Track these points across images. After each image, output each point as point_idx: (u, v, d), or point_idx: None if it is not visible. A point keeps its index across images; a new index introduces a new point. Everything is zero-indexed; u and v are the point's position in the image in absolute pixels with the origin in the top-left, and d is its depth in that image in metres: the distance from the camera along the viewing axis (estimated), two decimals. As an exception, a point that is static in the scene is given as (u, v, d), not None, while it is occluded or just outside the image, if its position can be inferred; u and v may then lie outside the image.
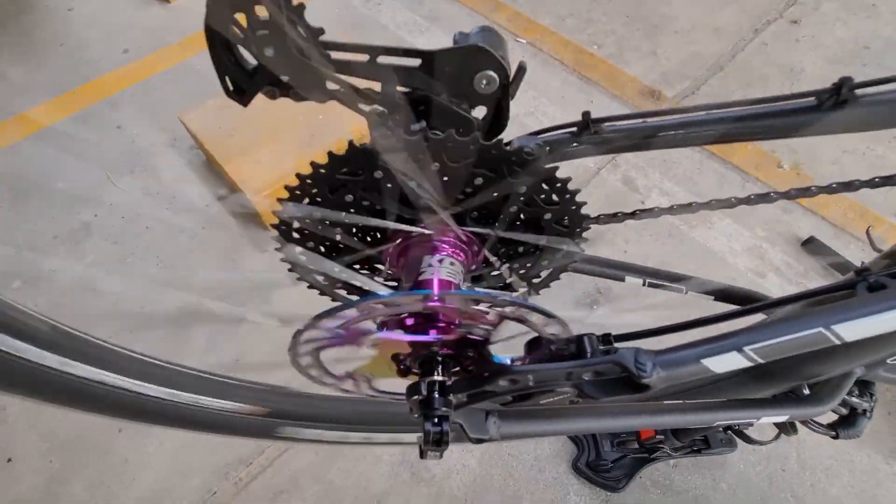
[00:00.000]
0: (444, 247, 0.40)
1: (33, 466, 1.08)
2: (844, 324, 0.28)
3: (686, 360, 0.31)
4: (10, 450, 1.11)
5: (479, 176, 0.37)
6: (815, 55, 1.73)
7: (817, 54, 1.73)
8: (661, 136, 0.40)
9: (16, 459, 1.09)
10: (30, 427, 1.13)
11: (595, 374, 0.32)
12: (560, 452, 1.08)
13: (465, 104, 0.35)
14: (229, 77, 0.33)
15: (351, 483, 1.06)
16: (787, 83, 1.68)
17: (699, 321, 0.35)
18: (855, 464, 1.06)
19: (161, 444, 1.10)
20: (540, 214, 0.41)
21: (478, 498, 1.03)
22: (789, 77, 1.68)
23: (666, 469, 1.05)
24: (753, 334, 0.30)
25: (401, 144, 0.34)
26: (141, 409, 0.38)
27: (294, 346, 0.34)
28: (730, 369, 0.30)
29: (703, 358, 0.30)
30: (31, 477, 1.07)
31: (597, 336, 0.37)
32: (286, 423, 0.47)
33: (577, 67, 1.76)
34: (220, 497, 1.04)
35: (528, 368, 0.33)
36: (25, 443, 1.11)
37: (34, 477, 1.07)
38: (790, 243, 1.35)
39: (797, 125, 0.37)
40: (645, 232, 1.38)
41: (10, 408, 1.16)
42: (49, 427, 1.12)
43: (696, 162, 1.51)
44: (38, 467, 1.08)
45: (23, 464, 1.09)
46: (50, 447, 1.10)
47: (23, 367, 0.30)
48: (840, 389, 0.54)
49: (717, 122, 0.39)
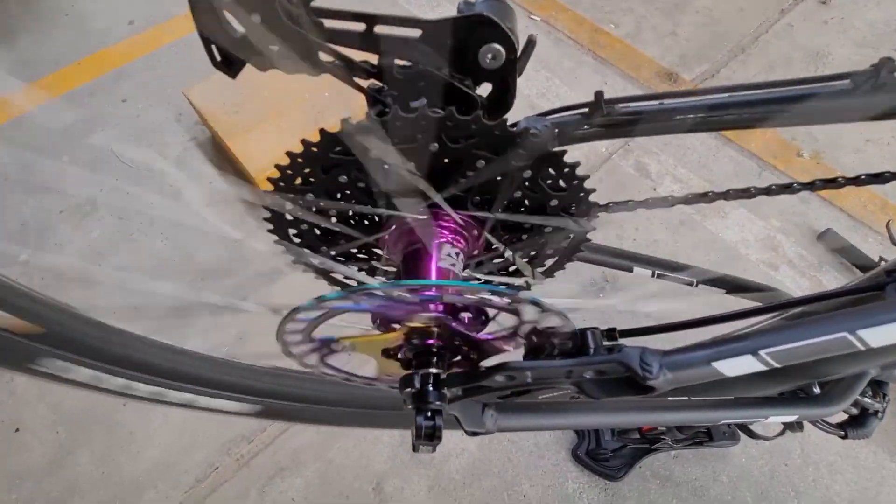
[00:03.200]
0: (442, 232, 0.38)
1: (41, 437, 1.11)
2: (872, 329, 0.26)
3: (695, 361, 0.29)
4: (19, 420, 1.13)
5: (481, 158, 0.35)
6: (843, 38, 1.65)
7: (846, 37, 1.65)
8: (679, 119, 0.37)
9: (24, 429, 1.11)
10: (38, 399, 1.14)
11: (597, 373, 0.30)
12: (560, 440, 1.07)
13: (469, 80, 0.32)
14: (216, 46, 0.31)
15: (351, 462, 1.07)
16: (812, 67, 1.61)
17: (712, 318, 0.33)
18: (860, 460, 1.04)
19: (165, 419, 1.11)
20: (546, 200, 0.39)
21: (476, 482, 1.03)
22: (815, 61, 1.61)
23: (666, 460, 1.04)
24: (771, 337, 0.28)
25: (398, 123, 0.32)
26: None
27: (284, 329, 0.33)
28: (742, 373, 0.28)
29: (715, 360, 0.28)
30: (39, 447, 1.09)
31: (601, 330, 0.35)
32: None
33: (592, 47, 1.69)
34: (223, 472, 1.06)
35: (526, 365, 0.32)
36: (34, 414, 1.13)
37: (42, 447, 1.09)
38: (805, 235, 1.31)
39: (828, 111, 0.34)
40: (655, 220, 1.35)
41: (17, 379, 1.17)
42: (56, 399, 1.14)
43: (712, 148, 1.46)
44: (46, 438, 1.10)
45: (31, 434, 1.11)
46: (57, 419, 1.12)
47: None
48: (853, 390, 0.51)
49: (738, 106, 0.36)
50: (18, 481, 1.06)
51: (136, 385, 0.40)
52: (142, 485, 1.05)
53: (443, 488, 1.03)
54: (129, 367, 0.38)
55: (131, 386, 0.39)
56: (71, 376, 0.36)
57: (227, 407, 0.46)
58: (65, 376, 0.36)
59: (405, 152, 0.33)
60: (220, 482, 1.04)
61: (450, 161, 0.35)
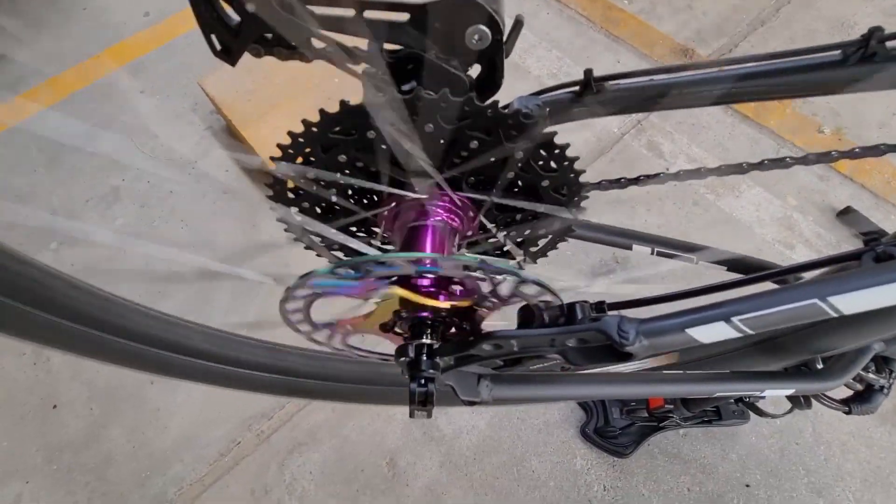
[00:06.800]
0: (438, 211, 0.39)
1: (77, 413, 1.18)
2: (842, 296, 0.26)
3: (671, 329, 0.30)
4: (56, 397, 1.20)
5: (474, 139, 0.36)
6: (870, 6, 1.58)
7: (873, 5, 1.58)
8: (672, 95, 0.37)
9: (61, 406, 1.19)
10: (72, 377, 1.21)
11: (578, 340, 0.32)
12: (569, 418, 1.09)
13: (456, 62, 0.33)
14: (215, 35, 0.33)
15: (365, 438, 1.11)
16: (836, 39, 1.54)
17: (699, 290, 0.34)
18: (874, 440, 1.03)
19: (189, 396, 1.17)
20: (537, 181, 0.40)
21: (486, 457, 1.06)
22: (839, 32, 1.55)
23: (675, 438, 1.05)
24: (743, 304, 0.28)
25: (393, 105, 0.33)
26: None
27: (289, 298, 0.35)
28: (717, 339, 0.29)
29: (689, 327, 0.29)
30: (76, 422, 1.17)
31: (590, 304, 0.36)
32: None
33: (604, 24, 1.66)
34: (244, 447, 1.11)
35: (511, 333, 0.33)
36: (70, 391, 1.20)
37: (78, 422, 1.17)
38: (824, 213, 1.28)
39: (820, 82, 0.34)
40: (668, 200, 1.33)
41: (53, 359, 1.25)
42: (89, 377, 1.21)
43: (728, 126, 1.43)
44: (82, 413, 1.18)
45: (68, 410, 1.18)
46: (90, 396, 1.19)
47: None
48: (854, 365, 0.52)
49: (731, 80, 0.36)
50: (58, 453, 1.13)
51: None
52: (169, 458, 1.11)
53: (454, 463, 1.06)
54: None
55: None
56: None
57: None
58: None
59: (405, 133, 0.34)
60: (242, 456, 1.10)
61: (445, 142, 0.36)
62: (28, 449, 1.14)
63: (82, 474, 1.11)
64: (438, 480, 1.05)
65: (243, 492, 1.07)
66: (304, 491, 1.06)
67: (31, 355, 1.24)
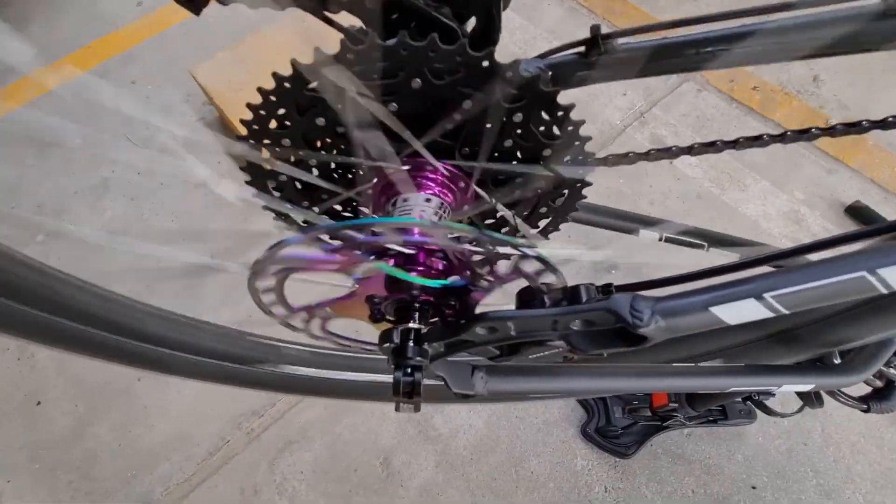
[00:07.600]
0: (428, 184, 0.36)
1: (62, 409, 1.14)
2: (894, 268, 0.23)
3: (692, 307, 0.26)
4: (41, 393, 1.16)
5: (466, 97, 0.32)
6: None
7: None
8: (686, 54, 0.34)
9: (45, 403, 1.15)
10: (57, 373, 1.18)
11: (585, 322, 0.28)
12: (569, 417, 1.05)
13: (448, 9, 0.30)
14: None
15: (359, 437, 1.07)
16: None
17: (715, 269, 0.30)
18: (885, 441, 1.00)
19: (179, 393, 1.13)
20: (538, 150, 0.36)
21: (483, 457, 1.03)
22: None
23: (679, 438, 1.02)
24: (778, 278, 0.24)
25: (376, 56, 0.30)
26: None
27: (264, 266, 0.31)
28: (746, 320, 0.25)
29: (713, 305, 0.25)
30: (61, 419, 1.13)
31: (596, 286, 0.33)
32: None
33: (606, 15, 1.62)
34: (234, 445, 1.07)
35: (508, 314, 0.30)
36: (55, 387, 1.16)
37: (63, 419, 1.13)
38: (832, 207, 1.24)
39: (856, 38, 0.31)
40: (672, 193, 1.30)
41: (38, 354, 1.21)
42: (75, 373, 1.17)
43: (732, 118, 1.39)
44: (67, 410, 1.14)
45: (52, 407, 1.14)
46: (76, 392, 1.16)
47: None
48: (876, 359, 0.48)
49: (755, 36, 0.32)
50: (42, 451, 1.10)
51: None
52: (157, 456, 1.07)
53: (450, 463, 1.03)
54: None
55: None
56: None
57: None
58: None
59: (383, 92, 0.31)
60: (232, 455, 1.06)
61: (433, 102, 0.32)
62: (10, 446, 1.10)
63: (66, 472, 1.07)
64: (434, 481, 1.01)
65: (232, 491, 1.03)
66: (294, 491, 1.02)
67: (14, 350, 1.20)
